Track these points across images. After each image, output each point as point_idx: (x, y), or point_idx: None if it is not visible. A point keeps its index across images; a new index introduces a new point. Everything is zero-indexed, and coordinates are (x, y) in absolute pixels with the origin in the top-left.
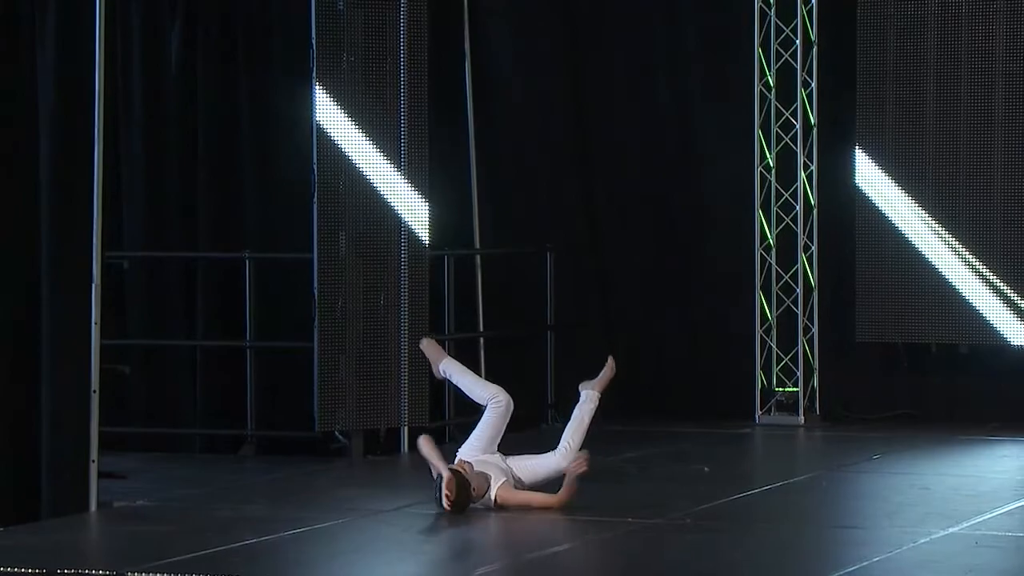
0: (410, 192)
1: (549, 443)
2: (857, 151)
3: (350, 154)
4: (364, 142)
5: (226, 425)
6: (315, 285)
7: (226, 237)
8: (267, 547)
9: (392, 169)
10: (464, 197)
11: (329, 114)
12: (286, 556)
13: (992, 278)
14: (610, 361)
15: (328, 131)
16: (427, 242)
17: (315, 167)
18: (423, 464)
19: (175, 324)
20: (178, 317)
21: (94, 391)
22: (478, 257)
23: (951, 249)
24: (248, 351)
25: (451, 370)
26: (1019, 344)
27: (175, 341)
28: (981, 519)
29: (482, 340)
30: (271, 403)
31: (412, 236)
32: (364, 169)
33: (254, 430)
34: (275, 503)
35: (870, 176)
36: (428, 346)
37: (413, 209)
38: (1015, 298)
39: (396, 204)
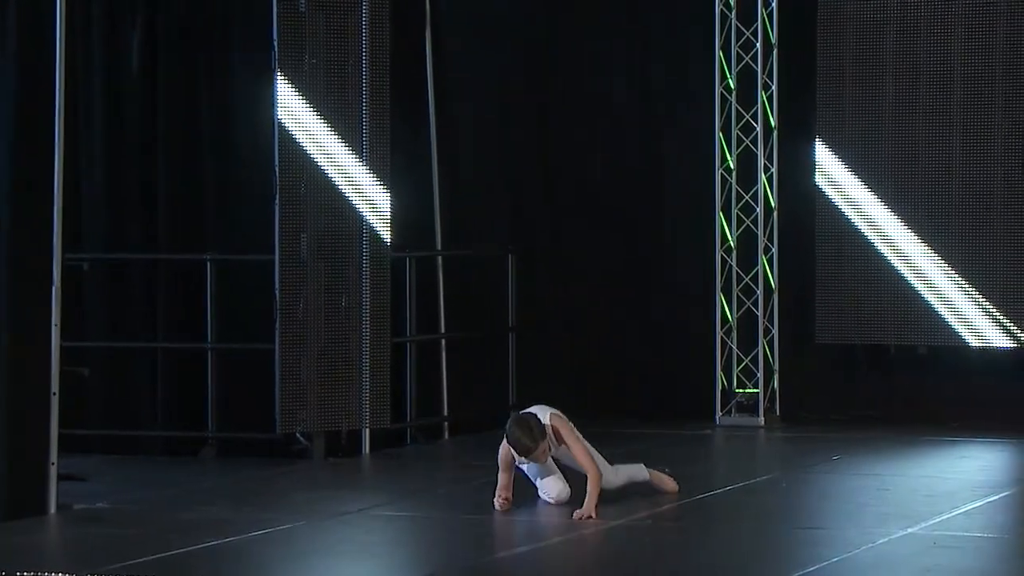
0: (372, 193)
1: None
2: (817, 153)
3: (312, 155)
4: (326, 143)
5: (187, 427)
6: (277, 286)
7: (187, 238)
8: (229, 549)
9: (354, 170)
10: (426, 199)
11: (291, 115)
12: (248, 558)
13: (951, 280)
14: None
15: (290, 132)
16: (389, 243)
17: (277, 168)
18: (385, 466)
19: (135, 326)
20: (139, 319)
21: (54, 393)
22: (439, 259)
23: (910, 251)
24: (209, 353)
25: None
26: (977, 345)
27: (135, 343)
28: (940, 519)
29: (443, 342)
30: (232, 405)
31: (374, 237)
32: (326, 170)
33: (215, 432)
34: (237, 505)
35: (830, 179)
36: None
37: (375, 210)
38: (973, 299)
39: (358, 205)
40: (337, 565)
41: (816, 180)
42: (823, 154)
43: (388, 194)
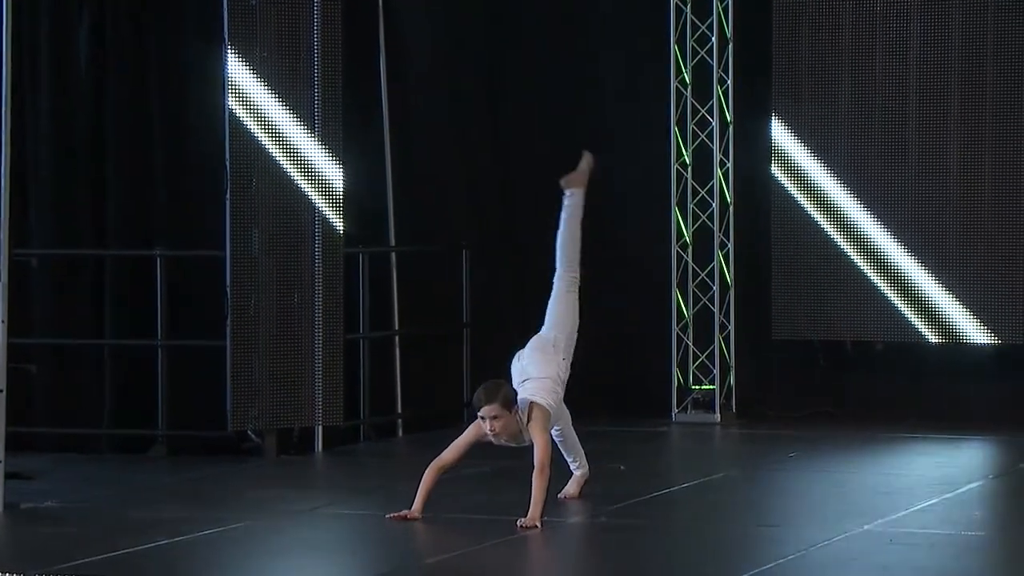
0: (325, 188)
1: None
2: (772, 149)
3: (264, 149)
4: (278, 137)
5: (136, 425)
6: (227, 282)
7: (136, 234)
8: (180, 549)
9: (307, 165)
10: (379, 193)
11: (243, 109)
12: (199, 558)
13: (910, 275)
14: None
15: (242, 126)
16: (342, 239)
17: (228, 162)
18: (338, 464)
19: (84, 323)
20: (87, 315)
21: (0, 390)
22: (393, 255)
23: (865, 247)
24: (159, 350)
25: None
26: (934, 341)
27: (84, 340)
28: (896, 516)
29: (397, 339)
30: (183, 402)
31: (327, 233)
32: (278, 164)
33: (165, 430)
34: (187, 504)
35: (787, 171)
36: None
37: (328, 205)
38: (932, 295)
39: (310, 200)
40: (289, 565)
41: (772, 172)
42: (780, 147)
43: (341, 189)
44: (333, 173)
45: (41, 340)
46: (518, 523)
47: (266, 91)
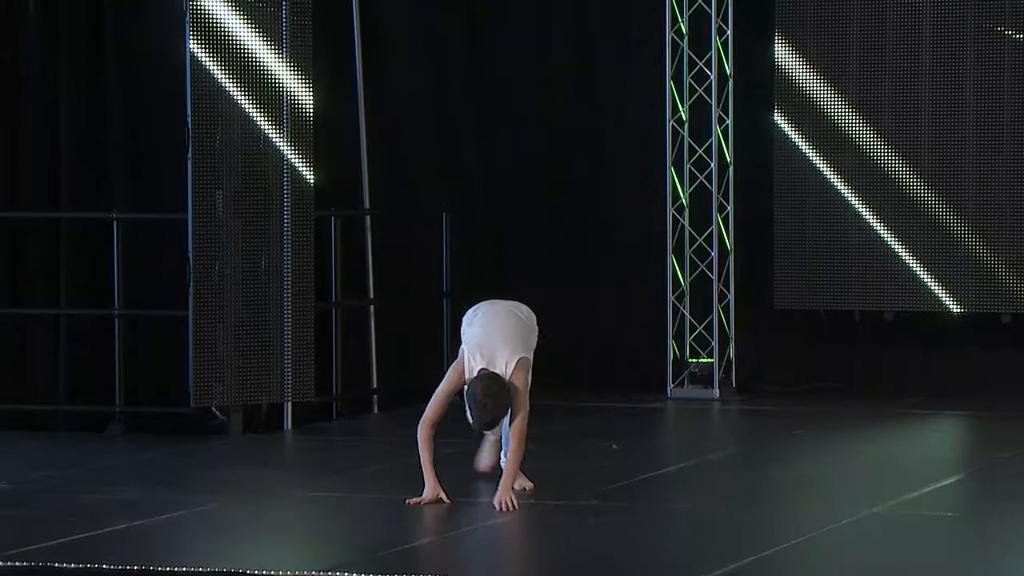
0: (293, 149)
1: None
2: (775, 104)
3: (228, 104)
4: (242, 93)
5: (93, 401)
6: (189, 248)
7: (91, 195)
8: (139, 533)
9: (273, 123)
10: (352, 155)
11: (204, 62)
12: (160, 542)
13: (918, 241)
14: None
15: (203, 81)
16: (312, 200)
17: (189, 120)
18: (308, 442)
19: (36, 290)
20: (39, 283)
21: None
22: (368, 218)
23: (873, 211)
24: (116, 320)
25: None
26: (948, 310)
27: (36, 310)
28: (908, 498)
29: (372, 308)
30: (142, 376)
31: (296, 194)
32: (243, 122)
33: (123, 406)
34: (147, 485)
35: (789, 131)
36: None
37: (296, 166)
38: (942, 262)
39: (278, 160)
40: (254, 550)
41: (774, 136)
42: (781, 109)
43: (310, 149)
44: (303, 128)
45: None
46: (495, 502)
47: (231, 42)
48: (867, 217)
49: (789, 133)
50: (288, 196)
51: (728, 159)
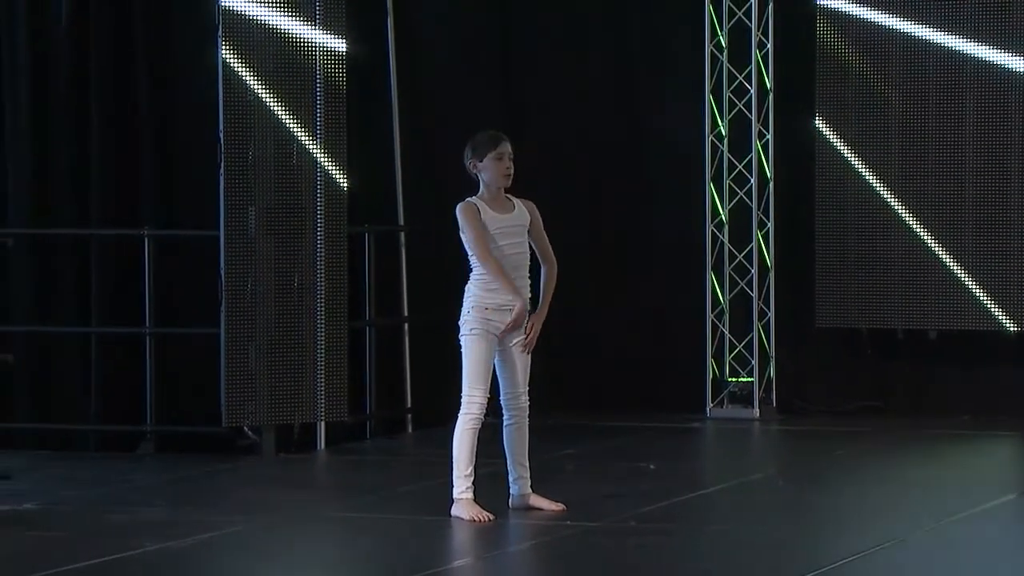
0: (327, 163)
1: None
2: (817, 119)
3: (261, 122)
4: (276, 109)
5: (123, 420)
6: (222, 265)
7: (122, 212)
8: (168, 555)
9: (307, 138)
10: (388, 170)
11: (237, 78)
12: (189, 565)
13: (962, 258)
14: None
15: (236, 97)
16: (346, 217)
17: (222, 135)
18: (341, 462)
19: (66, 308)
20: (69, 301)
21: None
22: (402, 234)
23: (918, 226)
24: (147, 338)
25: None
26: (992, 329)
27: (65, 328)
28: (951, 520)
29: (407, 326)
30: (173, 396)
31: (330, 210)
32: (276, 138)
33: (154, 425)
34: (177, 506)
35: (831, 147)
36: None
37: (330, 182)
38: (986, 280)
39: (312, 176)
40: (284, 573)
41: (816, 152)
42: (822, 125)
43: (345, 164)
44: (337, 143)
45: (19, 328)
46: (523, 342)
47: (264, 59)
48: (917, 232)
49: (833, 144)
50: (322, 212)
51: (768, 174)
